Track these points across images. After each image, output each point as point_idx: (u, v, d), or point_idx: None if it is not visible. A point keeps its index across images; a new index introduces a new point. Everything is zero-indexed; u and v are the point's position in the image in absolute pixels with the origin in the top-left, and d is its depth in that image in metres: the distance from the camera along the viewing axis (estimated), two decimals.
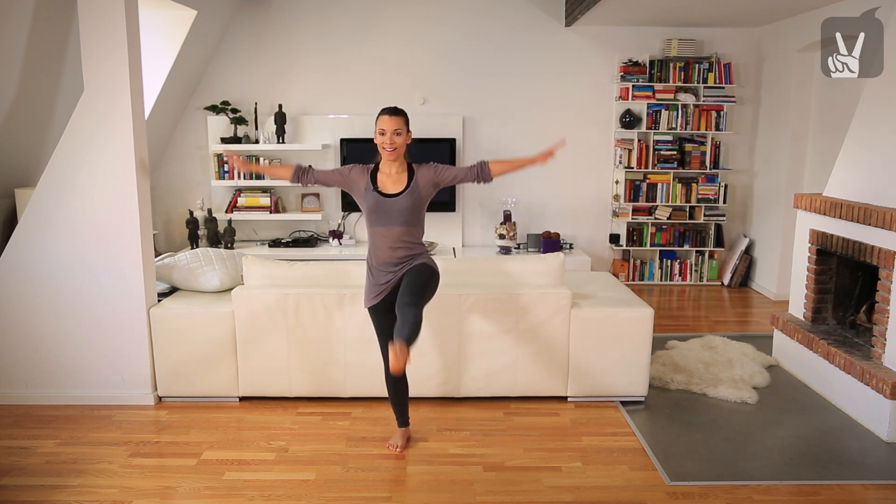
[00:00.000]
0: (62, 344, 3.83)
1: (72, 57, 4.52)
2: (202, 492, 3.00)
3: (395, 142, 3.05)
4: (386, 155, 3.09)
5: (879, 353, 3.59)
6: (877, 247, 3.62)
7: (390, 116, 3.06)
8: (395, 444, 3.35)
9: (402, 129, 3.07)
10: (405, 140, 3.10)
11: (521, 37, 6.40)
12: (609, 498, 2.95)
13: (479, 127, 6.53)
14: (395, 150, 3.06)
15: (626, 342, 3.78)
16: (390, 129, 3.04)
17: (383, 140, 3.06)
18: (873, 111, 3.95)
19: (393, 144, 3.05)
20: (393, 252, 3.11)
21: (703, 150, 6.46)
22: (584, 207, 6.72)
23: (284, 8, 6.30)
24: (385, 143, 3.06)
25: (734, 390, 3.94)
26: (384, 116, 3.06)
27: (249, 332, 3.74)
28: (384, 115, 3.07)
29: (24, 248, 3.78)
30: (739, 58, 6.48)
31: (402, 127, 3.07)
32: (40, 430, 3.57)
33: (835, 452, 3.35)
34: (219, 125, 6.32)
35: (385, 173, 3.15)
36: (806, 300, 4.34)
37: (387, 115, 3.06)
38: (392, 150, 3.06)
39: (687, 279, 6.71)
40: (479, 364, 3.79)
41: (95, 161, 3.70)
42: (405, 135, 3.10)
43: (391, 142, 3.05)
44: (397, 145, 3.06)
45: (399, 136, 3.06)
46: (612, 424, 3.63)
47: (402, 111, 3.11)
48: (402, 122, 3.08)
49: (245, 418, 3.71)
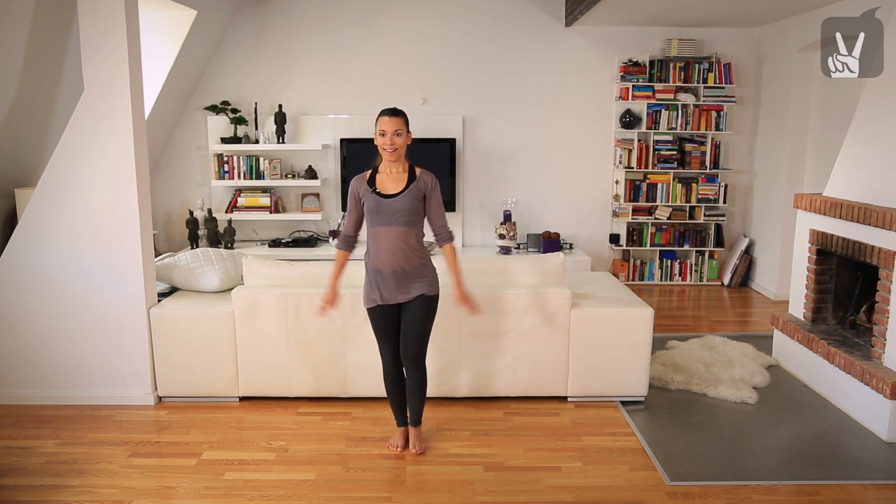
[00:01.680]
0: (62, 344, 3.83)
1: (72, 57, 4.52)
2: (202, 492, 3.00)
3: (396, 142, 3.06)
4: (386, 156, 3.10)
5: (879, 353, 3.59)
6: (877, 247, 3.62)
7: (390, 117, 3.06)
8: (395, 443, 3.35)
9: (402, 129, 3.08)
10: (405, 141, 3.11)
11: (521, 37, 6.40)
12: (609, 498, 2.95)
13: (479, 127, 6.53)
14: (395, 151, 3.07)
15: (626, 342, 3.78)
16: (390, 130, 3.05)
17: (384, 141, 3.07)
18: (873, 111, 3.95)
19: (393, 145, 3.06)
20: (392, 257, 3.10)
21: (703, 150, 6.47)
22: (584, 207, 6.72)
23: (284, 8, 6.30)
24: (385, 144, 3.07)
25: (734, 390, 3.94)
26: (384, 117, 3.07)
27: (249, 333, 3.74)
28: (384, 117, 3.07)
29: (24, 248, 3.78)
30: (739, 58, 6.48)
31: (402, 128, 3.08)
32: (40, 430, 3.57)
33: (835, 452, 3.35)
34: (219, 125, 6.33)
35: (385, 174, 3.15)
36: (806, 300, 4.34)
37: (387, 117, 3.07)
38: (393, 151, 3.07)
39: (687, 279, 6.72)
40: (479, 364, 3.79)
41: (95, 161, 3.70)
42: (405, 135, 3.10)
43: (391, 142, 3.05)
44: (398, 146, 3.07)
45: (399, 136, 3.07)
46: (612, 424, 3.63)
47: (402, 112, 3.11)
48: (402, 123, 3.08)
49: (245, 418, 3.71)
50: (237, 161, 6.30)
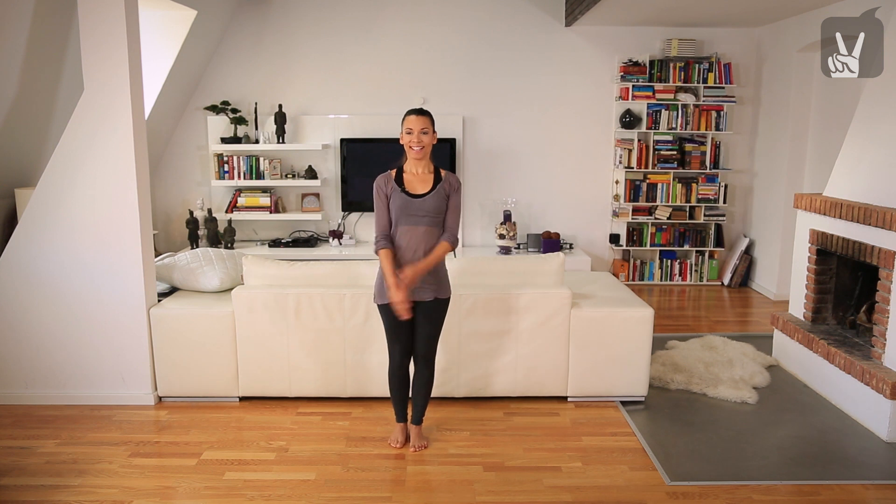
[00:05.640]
0: (62, 344, 3.83)
1: (72, 57, 4.52)
2: (202, 492, 3.00)
3: (423, 140, 3.11)
4: (413, 154, 3.14)
5: (879, 353, 3.59)
6: (877, 247, 3.62)
7: (417, 116, 3.12)
8: (395, 439, 3.37)
9: (428, 128, 3.13)
10: (431, 140, 3.16)
11: (521, 37, 6.40)
12: (609, 498, 2.95)
13: (479, 127, 6.53)
14: (422, 149, 3.12)
15: (626, 342, 3.78)
16: (417, 129, 3.10)
17: (410, 139, 3.11)
18: (873, 111, 3.95)
19: (420, 143, 3.11)
20: (413, 256, 3.13)
21: (703, 150, 6.46)
22: (584, 207, 6.72)
23: (284, 8, 6.30)
24: (412, 142, 3.11)
25: (734, 390, 3.94)
26: (411, 116, 3.13)
27: (249, 332, 3.74)
28: (411, 116, 3.13)
29: (24, 248, 3.78)
30: (739, 58, 6.48)
31: (428, 126, 3.13)
32: (40, 430, 3.57)
33: (835, 452, 3.35)
34: (219, 125, 6.32)
35: (412, 173, 3.19)
36: (806, 300, 4.34)
37: (414, 115, 3.13)
38: (419, 149, 3.12)
39: (687, 279, 6.71)
40: (479, 364, 3.79)
41: (95, 161, 3.70)
42: (431, 134, 3.16)
43: (419, 140, 3.10)
44: (424, 144, 3.12)
45: (426, 134, 3.12)
46: (612, 424, 3.63)
47: (429, 112, 3.18)
48: (429, 122, 3.15)
49: (245, 418, 3.71)
50: (237, 161, 6.30)
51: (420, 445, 3.35)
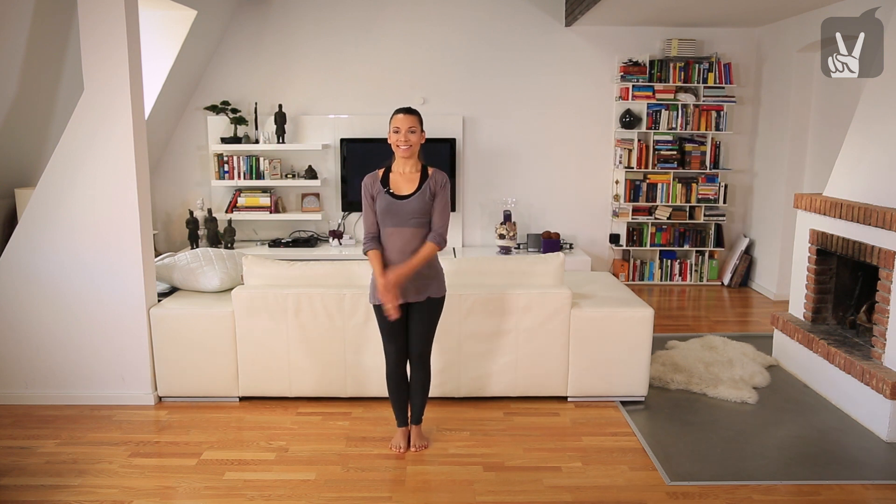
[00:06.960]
0: (62, 344, 3.83)
1: (72, 57, 4.52)
2: (202, 492, 3.00)
3: (410, 139, 3.08)
4: (400, 153, 3.12)
5: (879, 353, 3.59)
6: (877, 247, 3.62)
7: (404, 115, 3.10)
8: (396, 444, 3.35)
9: (416, 127, 3.10)
10: (419, 139, 3.13)
11: (521, 37, 6.40)
12: (609, 498, 2.95)
13: (479, 127, 6.53)
14: (409, 148, 3.10)
15: (626, 342, 3.78)
16: (405, 127, 3.07)
17: (397, 138, 3.09)
18: (873, 111, 3.95)
19: (408, 142, 3.08)
20: (403, 257, 3.10)
21: (703, 150, 6.46)
22: (584, 207, 6.72)
23: (284, 8, 6.30)
24: (399, 141, 3.09)
25: (734, 390, 3.94)
26: (398, 115, 3.10)
27: (249, 333, 3.74)
28: (398, 114, 3.10)
29: (24, 248, 3.78)
30: (739, 58, 6.48)
31: (416, 125, 3.10)
32: (40, 430, 3.57)
33: (835, 452, 3.35)
34: (219, 125, 6.32)
35: (398, 173, 3.17)
36: (806, 300, 4.34)
37: (401, 114, 3.10)
38: (406, 148, 3.09)
39: (687, 279, 6.71)
40: (479, 364, 3.79)
41: (95, 161, 3.70)
42: (419, 133, 3.13)
43: (406, 139, 3.08)
44: (412, 143, 3.09)
45: (413, 133, 3.09)
46: (612, 424, 3.63)
47: (416, 111, 3.15)
48: (416, 121, 3.11)
49: (245, 418, 3.71)
50: (237, 161, 6.30)
51: (420, 445, 3.35)
